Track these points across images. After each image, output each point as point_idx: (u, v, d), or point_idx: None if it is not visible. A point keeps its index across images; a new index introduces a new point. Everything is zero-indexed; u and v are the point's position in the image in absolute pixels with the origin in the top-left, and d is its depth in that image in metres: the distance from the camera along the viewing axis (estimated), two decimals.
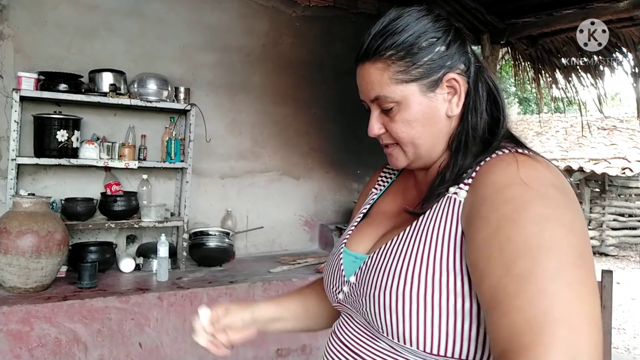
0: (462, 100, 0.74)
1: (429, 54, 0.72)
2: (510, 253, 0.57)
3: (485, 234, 0.60)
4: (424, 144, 0.75)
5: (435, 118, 0.74)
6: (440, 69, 0.72)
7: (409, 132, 0.74)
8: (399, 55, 0.72)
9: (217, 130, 3.19)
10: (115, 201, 2.68)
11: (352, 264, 0.80)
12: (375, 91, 0.74)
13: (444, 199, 0.71)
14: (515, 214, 0.59)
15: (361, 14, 3.75)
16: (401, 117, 0.74)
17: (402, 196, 0.87)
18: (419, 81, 0.72)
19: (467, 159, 0.72)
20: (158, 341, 2.40)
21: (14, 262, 2.17)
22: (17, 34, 2.68)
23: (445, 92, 0.74)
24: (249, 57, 3.32)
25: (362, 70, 0.76)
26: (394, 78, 0.72)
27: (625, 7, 2.78)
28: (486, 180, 0.66)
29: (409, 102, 0.73)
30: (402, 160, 0.79)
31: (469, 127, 0.74)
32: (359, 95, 0.83)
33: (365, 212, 0.92)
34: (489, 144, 0.72)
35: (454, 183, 0.71)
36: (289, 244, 3.52)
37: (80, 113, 2.74)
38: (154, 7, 3.02)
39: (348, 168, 3.74)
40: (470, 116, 0.74)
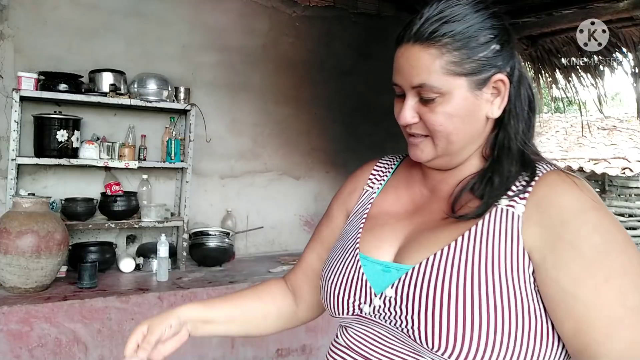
0: (505, 103, 0.72)
1: (485, 50, 0.69)
2: (619, 286, 0.59)
3: (580, 264, 0.61)
4: (458, 141, 0.72)
5: (475, 117, 0.71)
6: (492, 68, 0.69)
7: (447, 126, 0.70)
8: (455, 45, 0.68)
9: (217, 130, 3.19)
10: (115, 201, 2.68)
11: (382, 273, 0.73)
12: (421, 78, 0.69)
13: (496, 210, 0.68)
14: (606, 245, 0.61)
15: (361, 14, 3.75)
16: (443, 109, 0.69)
17: (408, 196, 0.83)
18: (469, 76, 0.69)
19: (513, 166, 0.70)
20: None
21: (14, 262, 2.17)
22: (17, 34, 2.68)
23: (490, 92, 0.71)
24: (249, 57, 3.32)
25: (408, 52, 0.70)
26: (446, 68, 0.68)
27: (625, 7, 2.78)
28: (555, 202, 0.64)
29: (453, 96, 0.69)
30: (428, 153, 0.74)
31: (512, 132, 0.72)
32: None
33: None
34: (523, 155, 0.71)
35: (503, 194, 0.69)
36: (289, 244, 3.52)
37: (80, 113, 2.74)
38: (154, 7, 3.02)
39: (348, 168, 3.74)
40: (513, 121, 0.72)
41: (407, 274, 0.69)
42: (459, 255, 0.66)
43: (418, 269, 0.68)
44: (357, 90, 3.68)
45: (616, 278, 0.59)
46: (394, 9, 3.85)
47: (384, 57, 4.11)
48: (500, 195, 0.69)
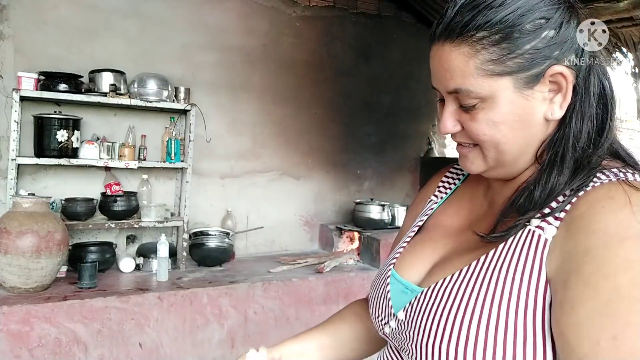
0: (568, 100, 0.58)
1: (533, 40, 0.56)
2: (630, 349, 0.43)
3: (590, 308, 0.46)
4: (510, 151, 0.60)
5: (529, 121, 0.58)
6: (545, 60, 0.56)
7: (493, 135, 0.59)
8: (493, 39, 0.56)
9: (217, 130, 3.19)
10: (115, 201, 2.68)
11: (402, 294, 0.68)
12: (456, 82, 0.58)
13: (525, 231, 0.57)
14: (633, 291, 0.45)
15: (361, 14, 3.75)
16: (485, 116, 0.58)
17: (469, 209, 0.72)
18: (515, 75, 0.56)
19: (562, 177, 0.57)
20: (158, 341, 2.40)
21: (14, 262, 2.17)
22: (17, 34, 2.68)
23: (547, 89, 0.58)
24: (249, 57, 3.32)
25: (440, 51, 0.59)
26: (483, 68, 0.56)
27: (625, 7, 2.78)
28: (590, 225, 0.51)
29: (497, 100, 0.57)
30: (479, 165, 0.63)
31: (570, 135, 0.58)
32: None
33: (422, 225, 0.77)
34: (587, 161, 0.57)
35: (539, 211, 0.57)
36: (289, 244, 3.52)
37: (80, 113, 2.74)
38: (154, 7, 3.02)
39: (348, 168, 3.74)
40: (575, 121, 0.59)
41: (416, 297, 0.63)
42: (467, 282, 0.58)
43: (426, 293, 0.62)
44: (357, 90, 3.68)
45: (629, 337, 0.44)
46: (394, 9, 3.85)
47: (384, 57, 4.14)
48: (536, 211, 0.57)
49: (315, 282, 2.82)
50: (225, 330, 2.56)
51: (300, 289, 2.77)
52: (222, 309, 2.56)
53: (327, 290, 2.85)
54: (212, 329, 2.53)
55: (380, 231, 3.31)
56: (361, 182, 3.79)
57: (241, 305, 2.60)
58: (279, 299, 2.71)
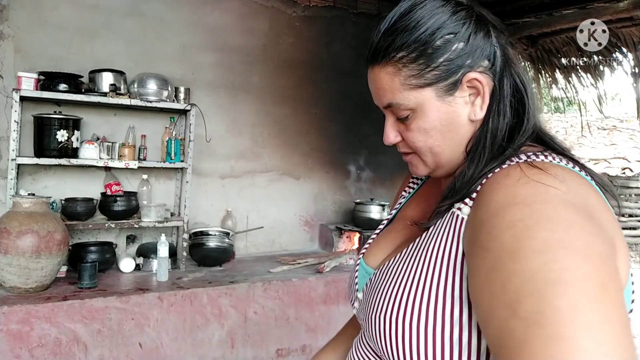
0: (487, 101, 0.65)
1: (445, 52, 0.63)
2: (515, 291, 0.47)
3: (485, 268, 0.52)
4: (443, 153, 0.68)
5: (455, 124, 0.66)
6: (459, 69, 0.64)
7: (426, 141, 0.67)
8: (410, 57, 0.64)
9: (217, 130, 3.19)
10: (115, 201, 2.68)
11: (363, 278, 0.78)
12: (387, 98, 0.67)
13: (448, 214, 0.64)
14: (515, 243, 0.50)
15: (361, 14, 3.75)
16: (417, 125, 0.66)
17: (426, 202, 0.80)
18: (434, 85, 0.64)
19: (478, 167, 0.64)
20: (158, 341, 2.40)
21: (14, 262, 2.17)
22: (17, 34, 2.68)
23: (467, 93, 0.65)
24: (249, 57, 3.32)
25: (372, 74, 0.68)
26: (406, 83, 0.64)
27: (625, 7, 2.78)
28: (486, 199, 0.58)
29: (424, 109, 0.65)
30: (422, 169, 0.72)
31: (487, 131, 0.66)
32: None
33: (392, 218, 0.86)
34: (502, 151, 0.64)
35: (461, 196, 0.63)
36: (289, 244, 3.52)
37: (80, 113, 2.74)
38: (154, 7, 3.02)
39: (348, 168, 3.74)
40: (492, 119, 0.66)
41: (370, 279, 0.73)
42: (402, 262, 0.66)
43: (375, 275, 0.72)
44: (357, 90, 3.68)
45: (513, 282, 0.48)
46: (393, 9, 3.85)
47: None
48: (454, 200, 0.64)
49: (315, 282, 2.82)
50: (225, 330, 2.56)
51: (300, 289, 2.77)
52: (222, 309, 2.56)
53: (327, 290, 2.86)
54: (212, 329, 2.53)
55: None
56: (361, 182, 3.79)
57: (241, 305, 2.60)
58: (279, 299, 2.71)
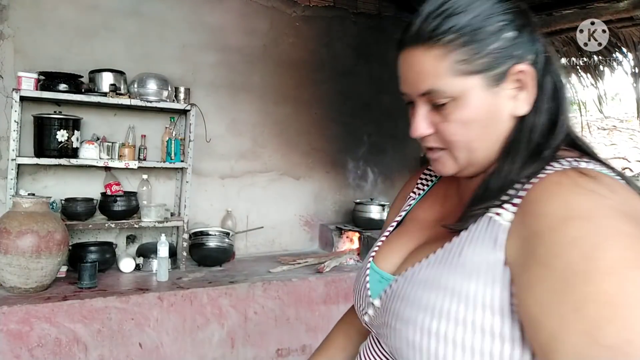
0: (532, 97, 0.62)
1: (497, 40, 0.60)
2: (593, 318, 0.45)
3: (550, 287, 0.49)
4: (480, 149, 0.63)
5: (496, 118, 0.62)
6: (509, 59, 0.61)
7: (464, 135, 0.62)
8: (461, 41, 0.59)
9: (217, 130, 3.19)
10: (115, 201, 2.68)
11: (378, 283, 0.72)
12: (428, 83, 0.61)
13: (484, 219, 0.60)
14: (585, 264, 0.47)
15: (361, 14, 3.75)
16: (457, 116, 0.61)
17: (441, 204, 0.77)
18: (482, 73, 0.60)
19: (515, 166, 0.61)
20: (158, 341, 2.40)
21: (14, 262, 2.17)
22: (17, 34, 2.68)
23: (511, 87, 0.62)
24: (249, 57, 3.32)
25: (410, 56, 0.63)
26: (454, 68, 0.60)
27: (625, 7, 2.78)
28: (539, 209, 0.54)
29: (468, 99, 0.61)
30: (450, 167, 0.66)
31: (526, 128, 0.62)
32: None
33: (400, 220, 0.81)
34: (539, 151, 0.61)
35: (497, 199, 0.60)
36: (289, 244, 3.52)
37: (80, 113, 2.74)
38: (154, 7, 3.02)
39: (348, 168, 3.74)
40: (532, 116, 0.63)
41: (390, 285, 0.68)
42: (433, 268, 0.61)
43: (397, 281, 0.66)
44: (357, 91, 3.68)
45: (590, 308, 0.45)
46: (394, 9, 3.85)
47: (384, 57, 4.14)
48: (492, 200, 0.60)
49: (315, 282, 2.82)
50: (225, 330, 2.56)
51: (300, 289, 2.77)
52: (222, 309, 2.56)
53: (327, 290, 2.86)
54: (212, 329, 2.53)
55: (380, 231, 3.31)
56: (361, 182, 3.79)
57: (241, 305, 2.60)
58: (279, 299, 2.71)
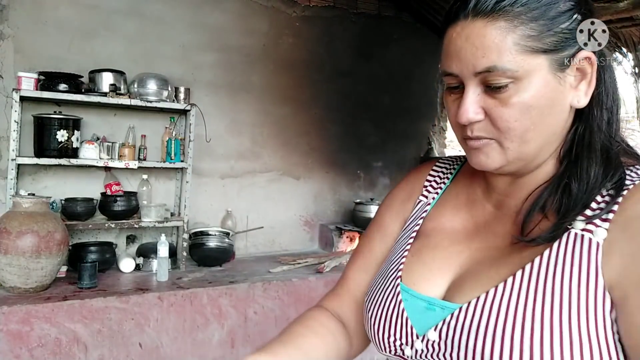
0: (593, 87, 0.56)
1: (567, 20, 0.54)
2: None
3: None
4: (536, 140, 0.56)
5: (558, 107, 0.56)
6: (576, 42, 0.55)
7: (522, 122, 0.55)
8: (531, 15, 0.53)
9: (217, 130, 3.19)
10: (115, 201, 2.68)
11: (425, 311, 0.61)
12: (490, 59, 0.53)
13: (569, 236, 0.53)
14: None
15: (361, 14, 3.74)
16: (518, 99, 0.54)
17: (468, 211, 0.68)
18: (551, 54, 0.54)
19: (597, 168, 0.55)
20: (158, 341, 2.40)
21: (14, 262, 2.17)
22: (17, 34, 2.68)
23: (574, 74, 0.56)
24: (249, 57, 3.32)
25: (468, 29, 0.55)
26: (522, 44, 0.53)
27: (625, 7, 2.78)
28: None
29: (532, 80, 0.54)
30: (496, 159, 0.58)
31: (594, 124, 0.57)
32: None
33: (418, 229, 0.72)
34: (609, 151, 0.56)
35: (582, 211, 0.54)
36: (289, 244, 3.52)
37: (80, 113, 2.73)
38: (154, 7, 3.02)
39: (348, 168, 3.74)
40: (596, 111, 0.57)
41: (452, 315, 0.57)
42: (516, 294, 0.53)
43: (466, 310, 0.56)
44: (357, 90, 3.68)
45: None
46: (394, 9, 3.85)
47: (384, 57, 4.13)
48: (579, 210, 0.54)
49: (315, 282, 2.82)
50: (225, 330, 2.56)
51: (300, 289, 2.77)
52: (222, 309, 2.56)
53: (327, 290, 2.83)
54: (212, 329, 2.53)
55: None
56: (361, 182, 3.79)
57: (241, 305, 2.60)
58: (279, 299, 2.71)
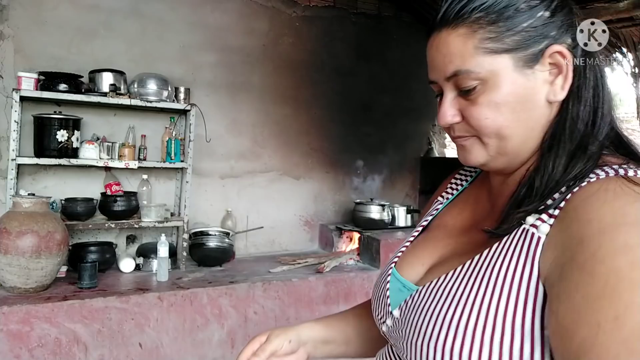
0: (569, 81, 0.57)
1: (529, 18, 0.56)
2: (633, 328, 0.42)
3: (587, 293, 0.45)
4: (513, 136, 0.58)
5: (531, 103, 0.57)
6: (543, 39, 0.56)
7: (495, 119, 0.57)
8: (489, 19, 0.56)
9: (217, 130, 3.19)
10: (115, 201, 2.68)
11: (399, 292, 0.67)
12: (455, 64, 0.57)
13: (519, 231, 0.55)
14: (633, 272, 0.43)
15: (361, 14, 3.75)
16: (487, 98, 0.57)
17: (472, 210, 0.71)
18: (513, 52, 0.56)
19: (561, 161, 0.56)
20: (158, 341, 2.40)
21: (14, 262, 2.17)
22: (17, 34, 2.68)
23: (547, 69, 0.57)
24: (249, 57, 3.32)
25: (437, 40, 0.59)
26: (481, 47, 0.56)
27: (625, 7, 2.78)
28: (584, 215, 0.49)
29: (498, 80, 0.56)
30: (479, 155, 0.61)
31: (567, 117, 0.58)
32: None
33: (426, 225, 0.77)
34: (585, 146, 0.57)
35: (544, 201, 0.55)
36: (289, 244, 3.52)
37: (80, 113, 2.74)
38: (154, 7, 3.02)
39: (348, 168, 3.74)
40: (572, 104, 0.58)
41: (411, 295, 0.63)
42: (458, 282, 0.57)
43: (420, 292, 0.62)
44: (357, 91, 3.68)
45: (631, 318, 0.42)
46: (394, 9, 3.85)
47: (384, 57, 4.14)
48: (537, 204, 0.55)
49: (315, 282, 2.82)
50: (225, 330, 2.56)
51: (300, 289, 2.77)
52: (222, 309, 2.56)
53: (327, 290, 2.86)
54: (212, 329, 2.53)
55: (380, 231, 3.31)
56: (361, 182, 3.79)
57: (241, 305, 2.60)
58: (279, 299, 2.71)
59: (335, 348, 0.83)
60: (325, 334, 0.82)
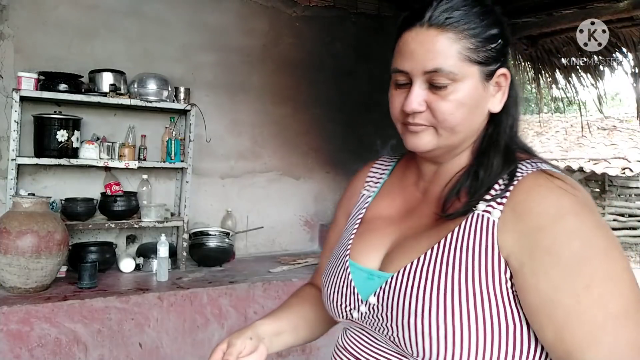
0: (505, 98, 0.73)
1: (494, 43, 0.70)
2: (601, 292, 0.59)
3: (560, 270, 0.60)
4: (461, 132, 0.71)
5: (480, 109, 0.71)
6: (497, 61, 0.71)
7: (455, 116, 0.69)
8: (472, 32, 0.68)
9: (217, 130, 3.19)
10: (115, 201, 2.68)
11: (367, 281, 0.75)
12: (437, 62, 0.67)
13: (473, 215, 0.68)
14: (586, 251, 0.60)
15: (361, 14, 3.75)
16: (455, 97, 0.68)
17: (402, 199, 0.83)
18: (481, 65, 0.69)
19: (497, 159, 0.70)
20: (158, 341, 2.40)
21: (14, 262, 2.17)
22: (17, 34, 2.68)
23: (493, 86, 0.72)
24: (249, 57, 3.32)
25: (422, 36, 0.68)
26: (463, 53, 0.67)
27: (625, 7, 2.78)
28: (533, 207, 0.63)
29: (466, 84, 0.68)
30: (429, 142, 0.72)
31: (501, 127, 0.73)
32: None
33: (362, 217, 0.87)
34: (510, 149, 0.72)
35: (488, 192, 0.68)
36: (289, 244, 3.52)
37: (80, 113, 2.73)
38: (154, 7, 3.02)
39: (348, 168, 3.73)
40: (504, 117, 0.73)
41: (387, 282, 0.71)
42: (433, 263, 0.67)
43: (396, 278, 0.70)
44: (356, 91, 3.68)
45: (597, 284, 0.59)
46: (394, 9, 3.85)
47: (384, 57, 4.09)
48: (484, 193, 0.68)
49: None
50: (225, 330, 2.56)
51: None
52: (222, 309, 2.56)
53: None
54: (212, 329, 2.53)
55: None
56: None
57: (241, 305, 2.60)
58: (279, 299, 2.71)
59: (287, 338, 0.88)
60: (276, 326, 0.87)
